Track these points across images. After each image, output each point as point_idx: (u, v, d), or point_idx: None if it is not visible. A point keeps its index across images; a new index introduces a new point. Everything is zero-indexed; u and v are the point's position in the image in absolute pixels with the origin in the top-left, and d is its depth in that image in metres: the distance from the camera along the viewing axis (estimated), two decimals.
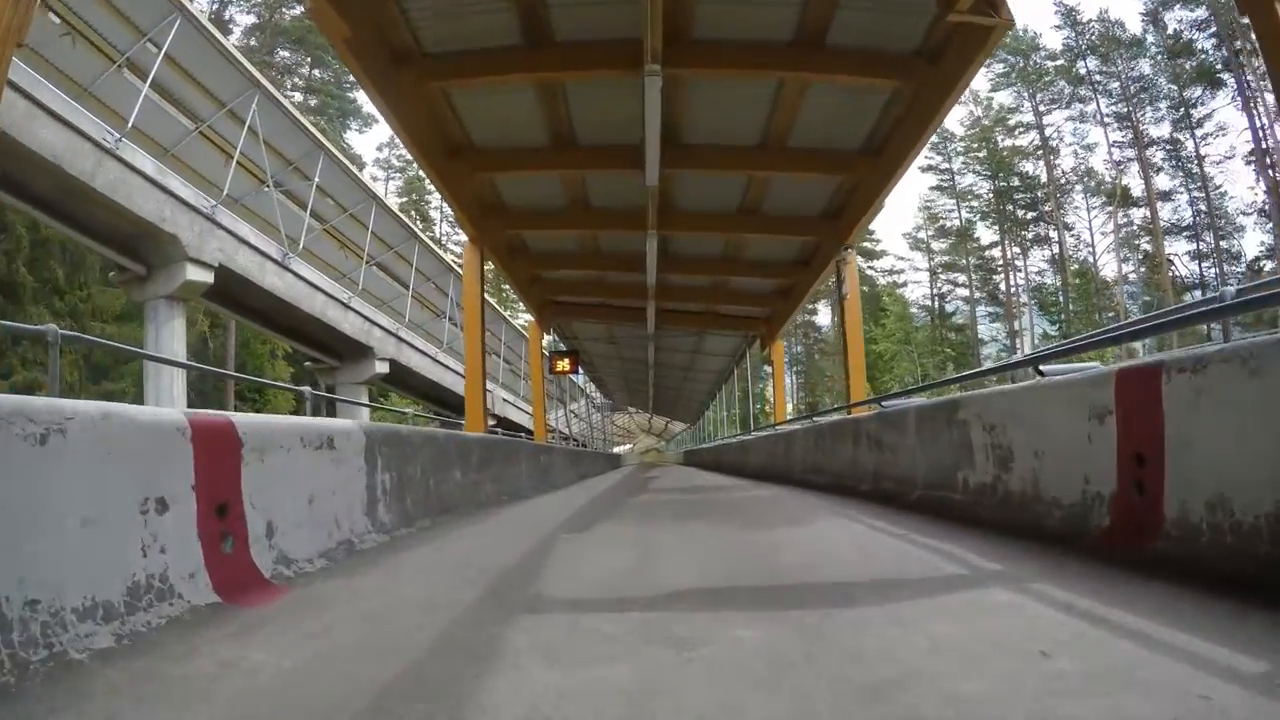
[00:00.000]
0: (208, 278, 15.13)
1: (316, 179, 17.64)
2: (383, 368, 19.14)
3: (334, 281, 18.37)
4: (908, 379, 38.81)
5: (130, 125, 13.60)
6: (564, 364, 14.84)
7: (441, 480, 5.66)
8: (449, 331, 23.25)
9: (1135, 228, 44.97)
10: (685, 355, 18.62)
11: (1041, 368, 4.41)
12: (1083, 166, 46.89)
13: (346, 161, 18.67)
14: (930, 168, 50.88)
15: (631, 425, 51.06)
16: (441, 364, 21.93)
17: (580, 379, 30.65)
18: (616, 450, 48.64)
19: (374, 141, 70.96)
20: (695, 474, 13.91)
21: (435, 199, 51.13)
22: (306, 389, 6.84)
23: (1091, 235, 47.37)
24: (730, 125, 7.65)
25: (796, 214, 9.65)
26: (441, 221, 57.33)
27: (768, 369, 49.44)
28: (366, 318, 18.71)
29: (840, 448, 7.14)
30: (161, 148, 17.08)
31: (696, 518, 4.91)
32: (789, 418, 15.18)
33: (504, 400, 26.07)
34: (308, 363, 20.97)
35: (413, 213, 58.57)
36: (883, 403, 6.42)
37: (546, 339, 16.24)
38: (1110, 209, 45.77)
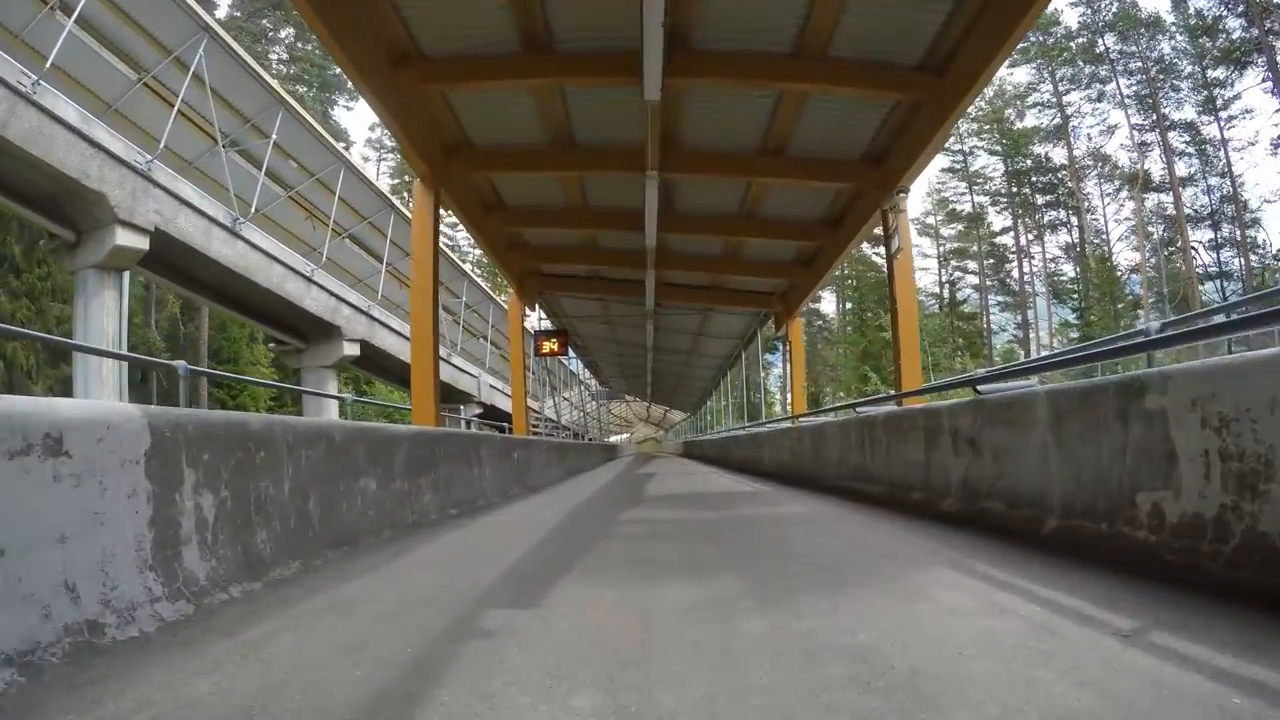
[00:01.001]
0: (141, 243, 13.24)
1: (274, 136, 15.68)
2: (352, 349, 17.25)
3: (296, 254, 16.45)
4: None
5: (49, 65, 11.69)
6: (551, 344, 13.00)
7: (338, 496, 3.83)
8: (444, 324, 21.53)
9: (1149, 215, 43.05)
10: (687, 338, 16.77)
11: (980, 388, 4.50)
12: (1101, 150, 44.91)
13: (310, 118, 16.67)
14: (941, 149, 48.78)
15: (629, 414, 49.25)
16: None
17: (575, 365, 28.80)
18: (613, 440, 46.88)
19: (365, 120, 68.25)
20: (700, 472, 12.08)
21: None
22: (181, 363, 4.94)
23: (1105, 223, 45.49)
24: (756, 19, 5.74)
25: (831, 155, 7.77)
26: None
27: (769, 358, 47.82)
28: (332, 293, 16.80)
29: (904, 448, 5.31)
30: (103, 103, 15.24)
31: (721, 569, 3.07)
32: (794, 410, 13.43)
33: (491, 387, 24.25)
34: (271, 344, 19.09)
35: (405, 194, 56.45)
36: (979, 387, 4.59)
37: (531, 317, 14.37)
38: (1128, 194, 43.85)
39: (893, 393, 7.39)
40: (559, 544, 3.84)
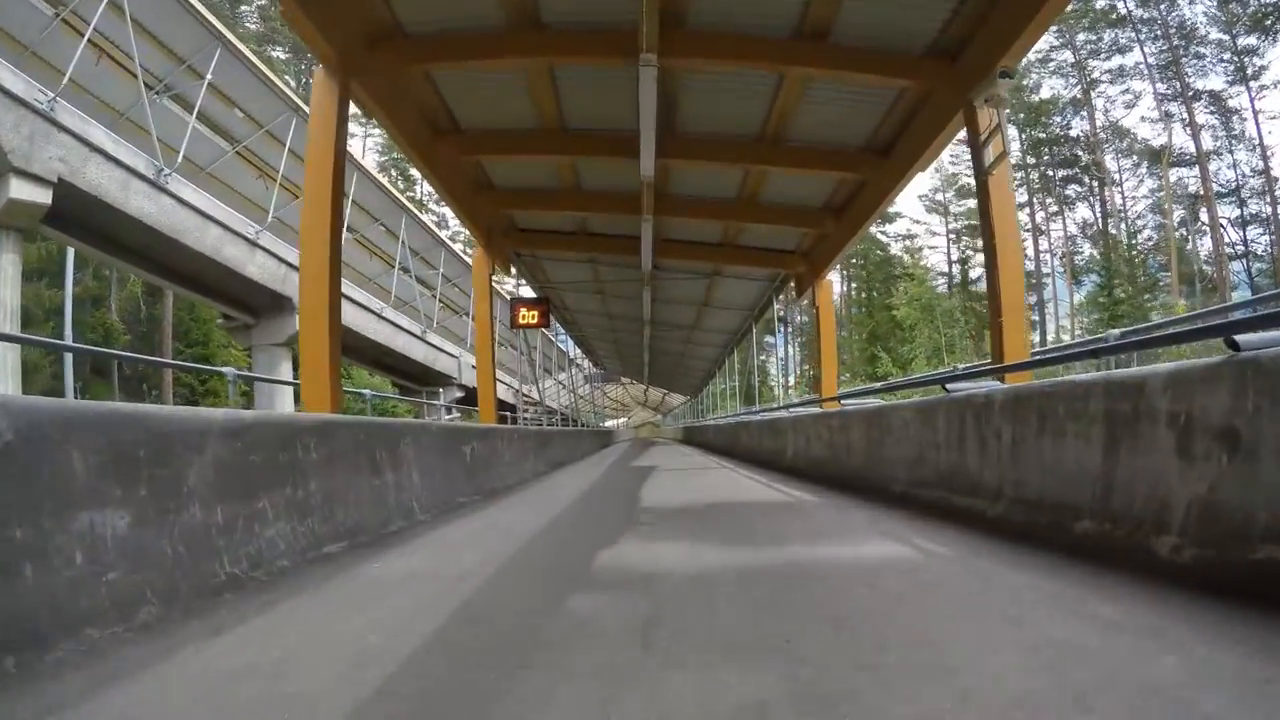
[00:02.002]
0: (43, 197, 11.11)
1: (209, 76, 13.47)
2: None
3: (239, 215, 14.27)
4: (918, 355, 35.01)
5: None
6: (531, 315, 10.91)
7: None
8: (419, 298, 19.24)
9: (1167, 192, 40.74)
10: (689, 310, 14.68)
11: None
12: (1119, 123, 42.53)
13: (255, 59, 14.41)
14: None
15: (626, 398, 47.26)
16: (390, 322, 17.93)
17: (569, 346, 26.73)
18: (609, 425, 44.91)
19: None
20: (709, 467, 10.09)
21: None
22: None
23: (1123, 200, 43.19)
24: None
25: (889, 43, 5.67)
26: (430, 193, 52.30)
27: (771, 340, 45.88)
28: (281, 259, 14.64)
29: (1053, 447, 3.28)
30: (19, 45, 13.08)
31: None
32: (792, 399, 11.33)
33: (473, 367, 22.15)
34: (220, 321, 17.03)
35: (393, 172, 53.84)
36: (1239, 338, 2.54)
37: (509, 284, 12.27)
38: (1147, 170, 41.61)
39: (987, 365, 5.35)
40: (464, 659, 1.79)
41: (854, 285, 56.32)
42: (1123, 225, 42.14)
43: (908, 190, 8.78)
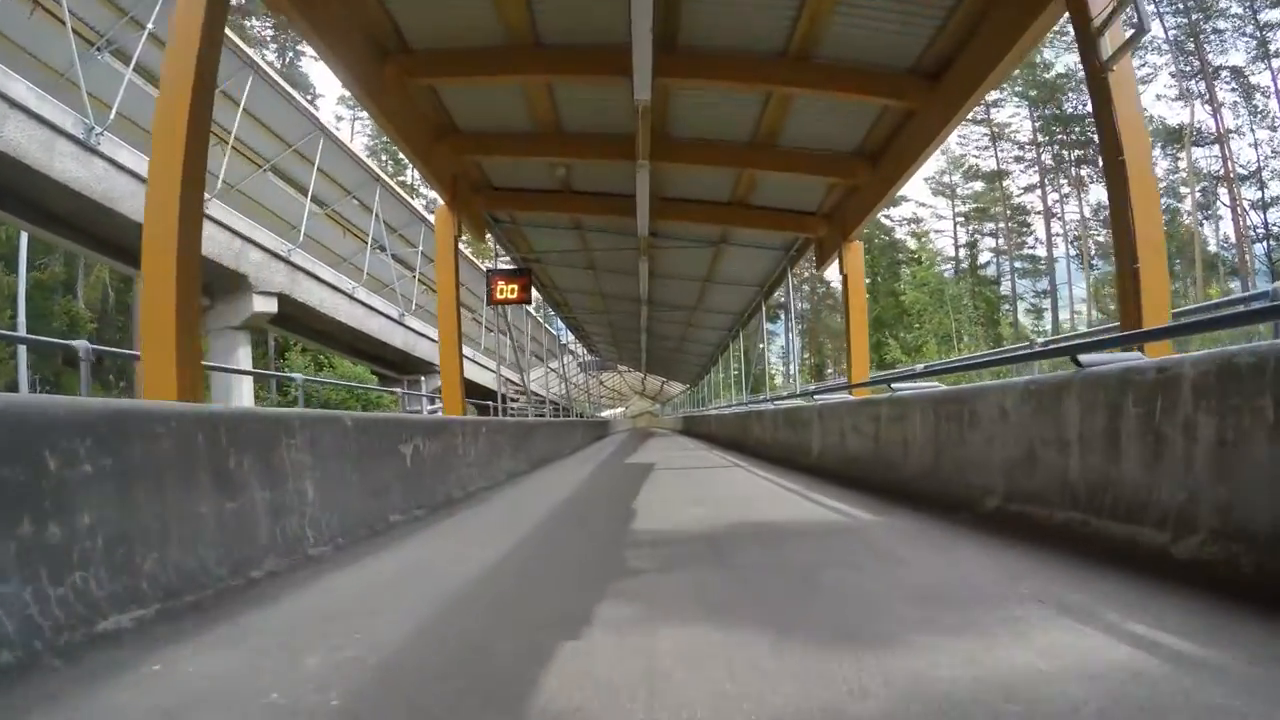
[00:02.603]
0: None
1: (150, 26, 11.90)
2: (266, 305, 13.63)
3: None
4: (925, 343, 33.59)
5: None
6: (510, 289, 9.45)
7: None
8: (397, 280, 17.69)
9: (1182, 173, 39.13)
10: (691, 288, 13.20)
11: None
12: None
13: None
14: None
15: (623, 386, 45.84)
16: (362, 303, 16.41)
17: (562, 332, 25.27)
18: (605, 415, 43.53)
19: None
20: (718, 465, 8.71)
21: None
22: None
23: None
24: None
25: None
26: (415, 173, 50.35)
27: (769, 327, 44.67)
28: (236, 232, 13.12)
29: None
30: None
31: None
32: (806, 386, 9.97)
33: (465, 358, 20.69)
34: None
35: (383, 156, 51.96)
36: None
37: (490, 261, 10.78)
38: (1163, 149, 39.95)
39: (1117, 330, 3.92)
40: None
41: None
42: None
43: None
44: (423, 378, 18.81)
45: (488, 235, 10.04)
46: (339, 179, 16.28)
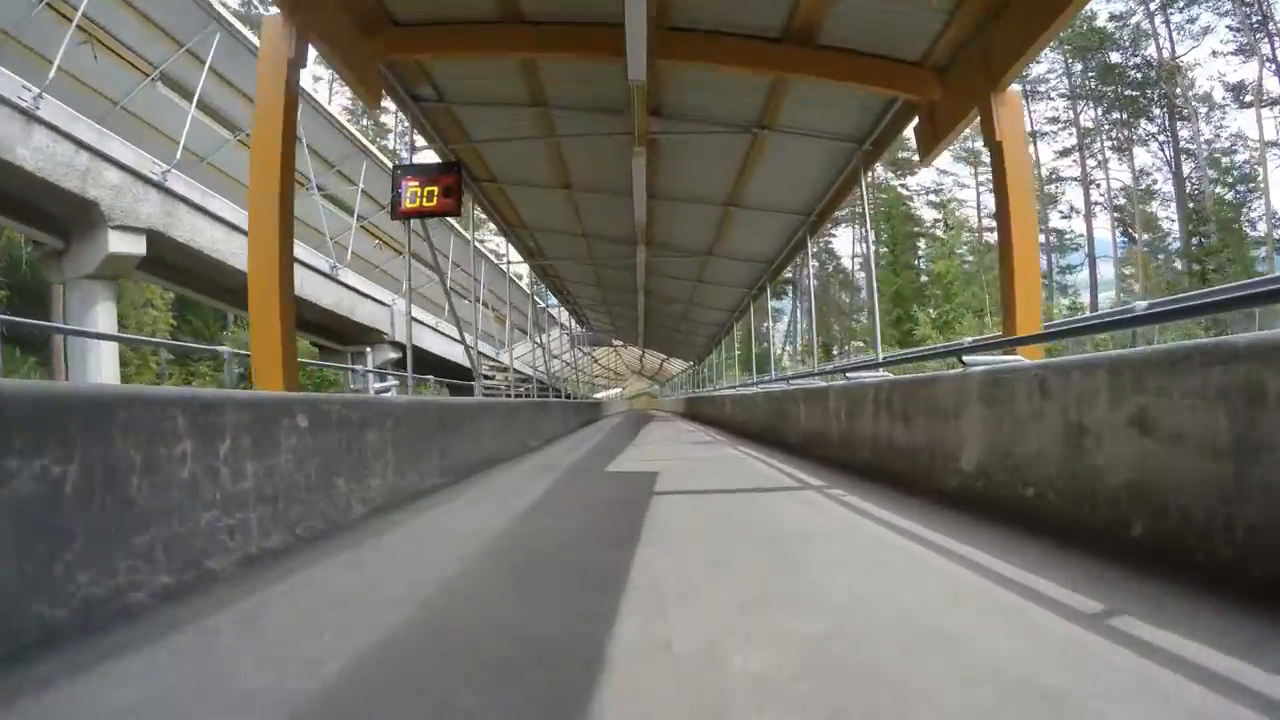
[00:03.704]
0: None
1: None
2: (128, 244, 10.04)
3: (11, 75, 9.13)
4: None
5: None
6: (429, 194, 5.98)
7: None
8: (326, 218, 14.01)
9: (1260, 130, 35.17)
10: (706, 219, 9.58)
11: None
12: (1190, 55, 36.71)
13: None
14: None
15: (620, 366, 42.33)
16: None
17: (555, 307, 21.66)
18: (600, 396, 40.05)
19: None
20: (772, 474, 5.29)
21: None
22: None
23: (1175, 151, 37.56)
24: None
25: None
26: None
27: (776, 305, 41.65)
28: (82, 144, 9.51)
29: None
30: None
31: None
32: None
33: (426, 326, 17.17)
34: (29, 247, 12.03)
35: (364, 119, 47.68)
36: None
37: (408, 157, 7.18)
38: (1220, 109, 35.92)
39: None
40: None
41: (873, 239, 51.12)
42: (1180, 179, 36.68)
43: None
44: (368, 349, 15.30)
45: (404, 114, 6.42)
46: (251, 91, 12.61)
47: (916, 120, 5.68)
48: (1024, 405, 2.92)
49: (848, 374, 7.42)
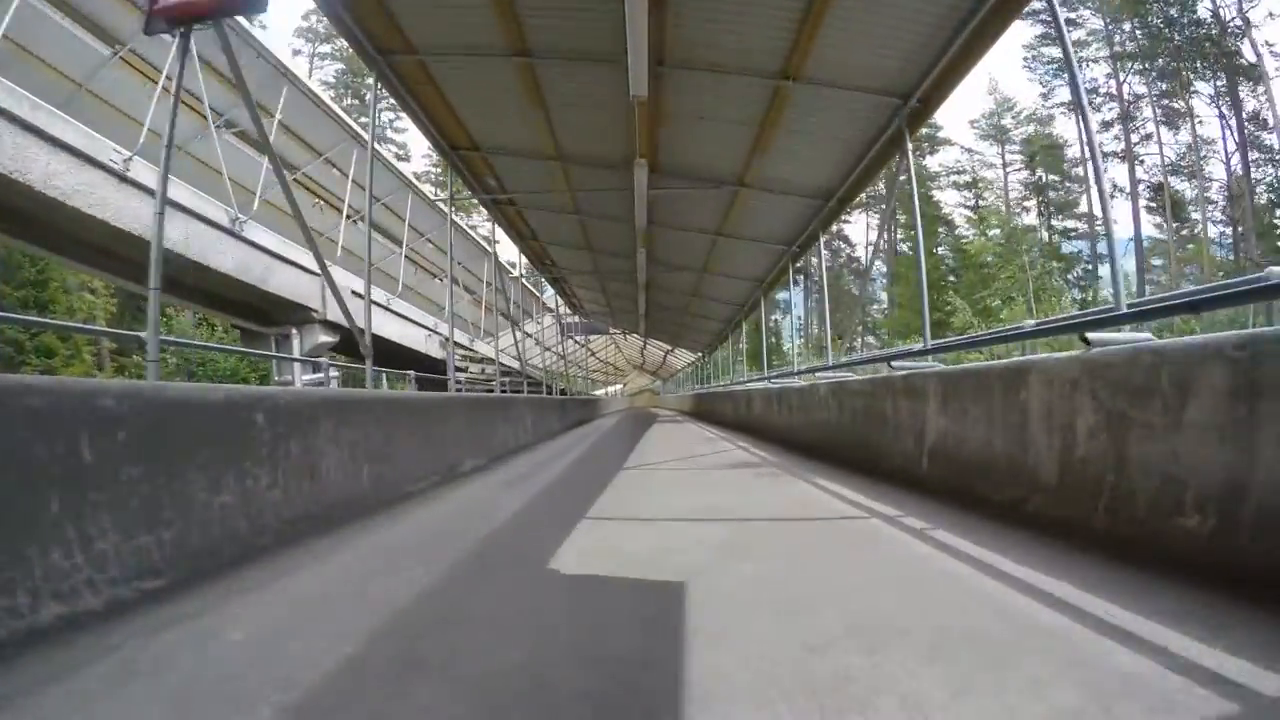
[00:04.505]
0: None
1: None
2: None
3: None
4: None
5: None
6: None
7: None
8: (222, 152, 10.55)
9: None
10: (725, 182, 6.34)
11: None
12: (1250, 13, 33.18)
13: None
14: (1031, 12, 36.96)
15: (619, 359, 39.05)
16: (122, 177, 9.24)
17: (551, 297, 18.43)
18: (598, 393, 36.83)
19: (296, 6, 54.91)
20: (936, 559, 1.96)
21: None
22: None
23: (1225, 126, 34.06)
24: None
25: None
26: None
27: (786, 296, 38.62)
28: None
29: None
30: None
31: None
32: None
33: (355, 293, 13.98)
34: None
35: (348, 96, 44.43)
36: None
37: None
38: None
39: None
40: None
41: (888, 230, 47.82)
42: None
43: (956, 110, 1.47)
44: (294, 330, 12.06)
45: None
46: None
47: None
48: None
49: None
